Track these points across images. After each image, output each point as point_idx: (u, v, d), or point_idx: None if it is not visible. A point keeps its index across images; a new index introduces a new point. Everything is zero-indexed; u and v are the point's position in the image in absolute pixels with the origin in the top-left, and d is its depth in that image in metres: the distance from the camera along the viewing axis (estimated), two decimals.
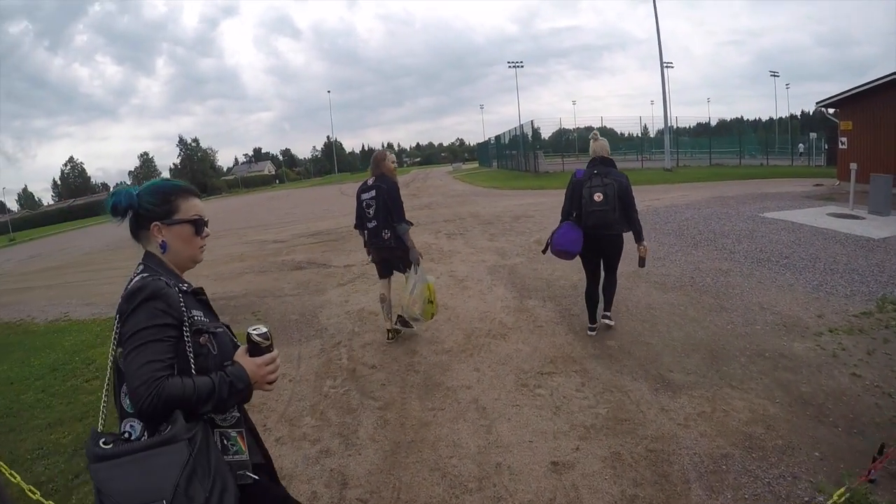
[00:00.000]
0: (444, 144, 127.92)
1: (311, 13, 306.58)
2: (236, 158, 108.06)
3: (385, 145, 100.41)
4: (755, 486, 2.54)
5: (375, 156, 4.66)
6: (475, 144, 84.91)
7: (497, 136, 45.21)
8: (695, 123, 37.71)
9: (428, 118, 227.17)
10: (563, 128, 39.81)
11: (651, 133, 44.01)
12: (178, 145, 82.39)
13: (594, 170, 4.24)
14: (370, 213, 4.50)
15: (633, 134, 44.24)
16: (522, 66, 53.70)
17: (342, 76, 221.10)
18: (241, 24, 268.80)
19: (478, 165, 57.67)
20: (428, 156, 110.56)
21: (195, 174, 71.03)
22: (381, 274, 4.79)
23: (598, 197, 4.10)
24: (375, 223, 4.49)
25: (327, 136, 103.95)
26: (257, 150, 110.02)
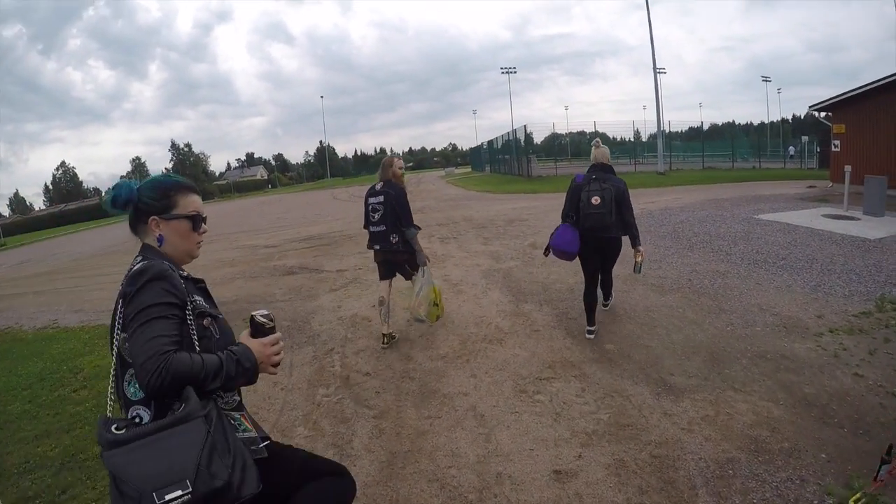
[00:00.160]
0: (437, 149, 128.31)
1: (304, 19, 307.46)
2: (228, 163, 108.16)
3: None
4: (763, 491, 2.47)
5: (384, 161, 4.76)
6: (468, 149, 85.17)
7: (490, 141, 45.38)
8: (687, 128, 38.01)
9: (420, 123, 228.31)
10: (556, 132, 39.97)
11: (643, 137, 44.28)
12: (170, 150, 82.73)
13: (593, 175, 4.37)
14: (375, 217, 4.60)
15: (626, 138, 44.32)
16: (515, 72, 53.92)
17: (335, 82, 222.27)
18: (234, 29, 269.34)
19: (470, 170, 57.74)
20: (420, 161, 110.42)
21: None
22: (383, 275, 4.80)
23: (596, 200, 4.20)
24: (383, 227, 4.58)
25: (320, 141, 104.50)
26: (250, 155, 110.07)
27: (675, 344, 4.28)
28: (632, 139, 43.71)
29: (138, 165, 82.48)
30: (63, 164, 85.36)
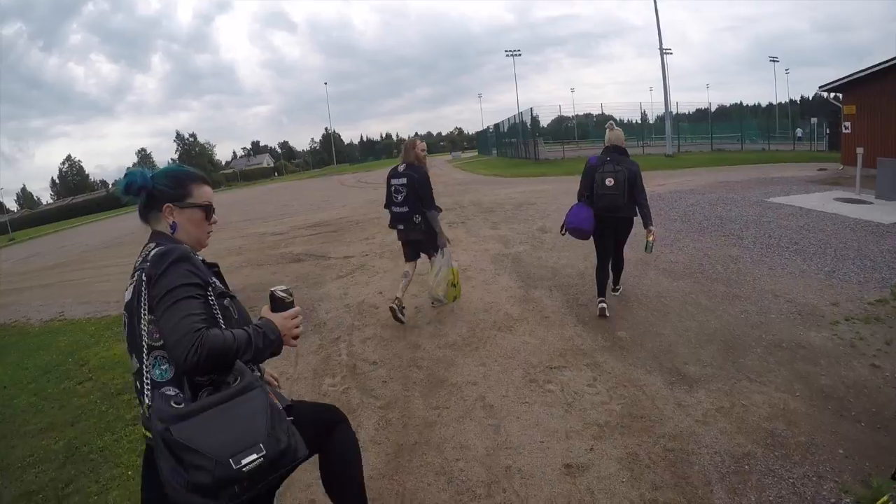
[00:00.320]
0: (443, 133, 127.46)
1: (306, 6, 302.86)
2: (234, 152, 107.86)
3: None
4: (779, 488, 2.40)
5: (406, 143, 4.90)
6: (474, 133, 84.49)
7: (496, 125, 44.91)
8: (694, 109, 37.40)
9: (426, 108, 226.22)
10: (563, 115, 39.41)
11: (651, 119, 43.50)
12: (175, 141, 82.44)
13: (607, 157, 4.49)
14: (398, 199, 4.71)
15: (633, 120, 43.47)
16: (520, 55, 53.16)
17: (339, 68, 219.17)
18: (235, 19, 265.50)
19: (477, 154, 57.33)
20: (427, 145, 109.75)
21: None
22: (409, 257, 4.94)
23: (610, 181, 4.35)
24: (407, 209, 4.69)
25: (325, 128, 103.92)
26: (255, 144, 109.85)
27: (689, 331, 4.19)
28: (639, 121, 43.03)
29: (144, 157, 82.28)
30: (69, 158, 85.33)
